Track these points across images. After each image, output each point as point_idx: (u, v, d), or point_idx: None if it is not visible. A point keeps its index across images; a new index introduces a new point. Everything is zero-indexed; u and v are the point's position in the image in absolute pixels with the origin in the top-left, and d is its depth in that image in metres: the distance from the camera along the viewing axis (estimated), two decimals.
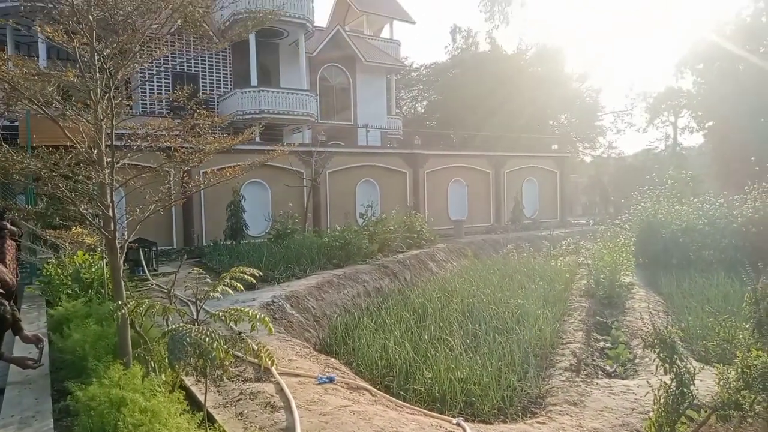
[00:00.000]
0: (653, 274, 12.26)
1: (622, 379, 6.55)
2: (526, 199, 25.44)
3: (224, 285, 3.82)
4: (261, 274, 4.91)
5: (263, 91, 24.11)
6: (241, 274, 3.89)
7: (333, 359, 6.51)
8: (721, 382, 4.22)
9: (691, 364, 4.75)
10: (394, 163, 22.16)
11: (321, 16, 46.91)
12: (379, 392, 5.36)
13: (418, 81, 47.00)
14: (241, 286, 4.01)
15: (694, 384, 4.56)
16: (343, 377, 5.63)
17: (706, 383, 5.14)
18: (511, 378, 6.02)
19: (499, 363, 6.35)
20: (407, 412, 4.76)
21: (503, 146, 27.67)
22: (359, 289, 10.67)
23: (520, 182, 25.71)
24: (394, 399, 5.25)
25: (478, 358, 6.49)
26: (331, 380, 5.24)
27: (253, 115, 23.47)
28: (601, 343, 8.23)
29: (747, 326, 5.17)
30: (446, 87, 42.40)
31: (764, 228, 12.33)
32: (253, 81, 24.05)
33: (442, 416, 4.74)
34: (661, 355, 4.64)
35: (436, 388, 5.68)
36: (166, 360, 3.68)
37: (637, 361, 7.10)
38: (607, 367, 7.25)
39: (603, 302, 10.55)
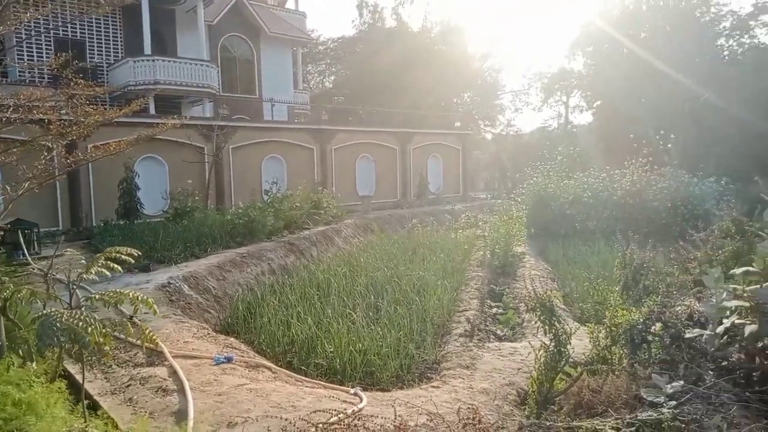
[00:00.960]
0: (543, 244, 13.17)
1: (511, 341, 7.04)
2: (430, 174, 26.18)
3: (99, 266, 3.60)
4: (139, 254, 4.67)
5: (158, 60, 22.58)
6: (118, 255, 3.68)
7: (233, 339, 6.41)
8: (592, 341, 4.67)
9: (568, 325, 5.21)
10: (300, 138, 21.82)
11: None
12: (279, 369, 5.37)
13: (325, 55, 46.25)
14: (120, 268, 3.80)
15: (570, 343, 5.00)
16: (243, 356, 5.56)
17: (583, 342, 5.62)
18: (410, 347, 6.26)
19: (400, 333, 6.57)
20: (306, 386, 4.82)
21: (410, 123, 28.15)
22: (264, 267, 10.51)
23: (425, 158, 26.36)
24: (295, 374, 5.29)
25: (379, 329, 6.67)
26: (229, 360, 5.17)
27: (147, 86, 21.98)
28: (494, 310, 8.77)
29: (617, 288, 5.73)
30: (354, 62, 42.16)
31: (639, 200, 13.63)
32: (147, 49, 22.44)
33: (341, 387, 4.85)
34: (542, 317, 5.04)
35: (337, 361, 5.79)
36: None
37: (524, 324, 7.64)
38: (498, 331, 7.76)
39: (497, 271, 11.21)
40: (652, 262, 6.51)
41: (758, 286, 3.88)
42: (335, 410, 3.39)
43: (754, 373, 3.57)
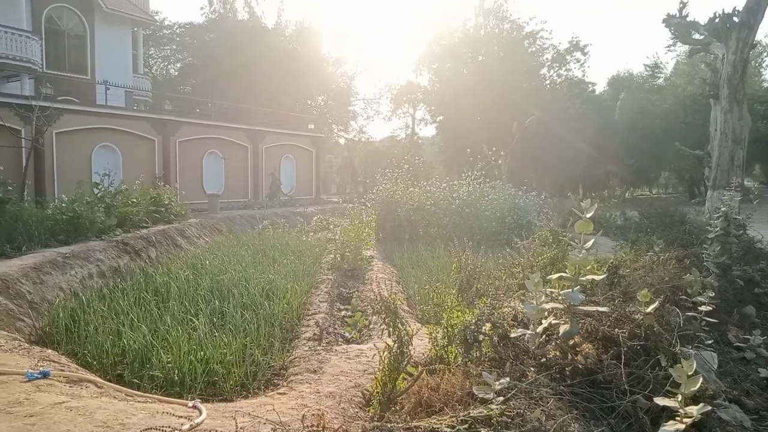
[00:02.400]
0: (390, 248, 13.74)
1: (358, 344, 7.22)
2: (283, 175, 25.85)
3: None
4: None
5: None
6: None
7: (51, 351, 5.66)
8: (431, 341, 4.99)
9: (410, 326, 5.51)
10: (140, 128, 20.07)
11: None
12: (106, 383, 4.86)
13: (171, 40, 43.16)
14: None
15: (412, 344, 5.29)
16: (63, 370, 4.95)
17: (424, 342, 5.95)
18: (256, 353, 6.10)
19: (246, 339, 6.37)
20: (138, 401, 4.44)
21: (263, 121, 27.46)
22: (91, 270, 9.44)
23: (278, 159, 25.95)
24: (125, 388, 4.84)
25: (223, 336, 6.39)
26: (45, 375, 4.55)
27: None
28: (343, 312, 8.92)
29: (453, 291, 6.20)
30: (203, 51, 39.95)
31: (474, 209, 14.91)
32: None
33: (178, 400, 4.54)
34: (386, 320, 5.26)
35: (176, 371, 5.42)
36: None
37: (371, 326, 7.89)
38: (347, 334, 7.91)
39: (347, 274, 11.42)
40: (483, 266, 7.17)
41: (570, 290, 4.48)
42: (170, 426, 3.17)
43: (567, 368, 4.10)
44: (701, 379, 3.05)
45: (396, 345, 5.17)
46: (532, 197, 15.24)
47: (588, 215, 4.66)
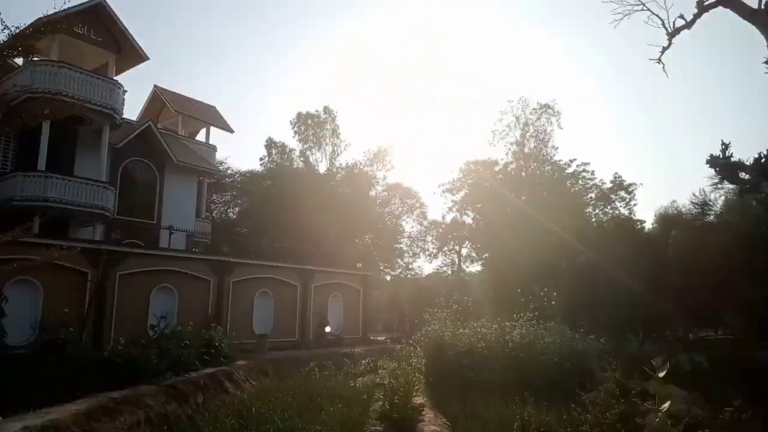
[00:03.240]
0: (441, 395, 13.07)
1: None
2: (331, 314, 25.86)
3: None
4: None
5: (52, 177, 21.57)
6: None
7: None
8: None
9: None
10: (197, 269, 20.96)
11: (132, 110, 44.94)
12: None
13: (232, 186, 46.70)
14: None
15: None
16: None
17: None
18: None
19: None
20: None
21: (312, 261, 28.26)
22: (140, 416, 9.34)
23: (326, 297, 26.18)
24: None
25: None
26: None
27: (35, 203, 20.70)
28: None
29: None
30: (260, 197, 42.84)
31: (530, 353, 14.22)
32: (41, 164, 21.44)
33: None
34: None
35: None
36: None
37: None
38: None
39: (397, 425, 10.82)
40: (546, 424, 6.68)
41: None
42: None
43: None
44: None
45: None
46: (591, 341, 14.49)
47: (661, 374, 4.41)
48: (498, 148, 45.80)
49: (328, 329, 24.47)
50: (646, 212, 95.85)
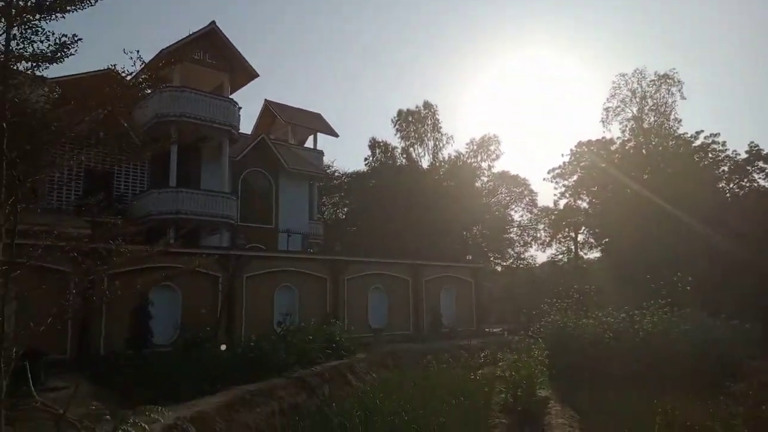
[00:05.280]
0: (566, 387, 12.51)
1: None
2: (443, 307, 25.81)
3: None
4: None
5: (182, 191, 23.67)
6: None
7: None
8: None
9: None
10: (314, 268, 21.93)
11: (247, 124, 48.21)
12: None
13: (339, 188, 48.32)
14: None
15: None
16: None
17: None
18: None
19: None
20: None
21: (419, 255, 28.39)
22: (274, 407, 9.96)
23: (437, 291, 26.17)
24: None
25: None
26: None
27: (169, 215, 22.80)
28: None
29: None
30: (366, 196, 43.86)
31: (663, 342, 13.14)
32: (172, 181, 23.62)
33: None
34: None
35: None
36: None
37: None
38: None
39: (522, 419, 10.52)
40: (693, 416, 6.09)
41: None
42: None
43: None
44: None
45: None
46: (733, 326, 13.04)
47: None
48: (613, 126, 42.86)
49: (443, 320, 24.44)
50: None
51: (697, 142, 35.78)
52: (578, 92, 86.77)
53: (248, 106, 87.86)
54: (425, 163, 46.22)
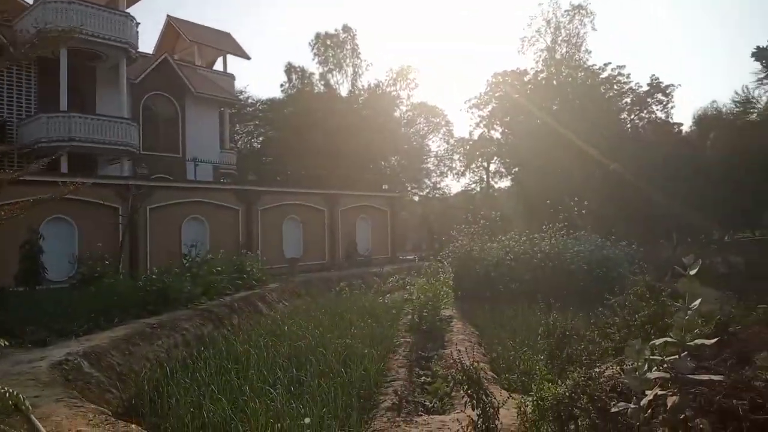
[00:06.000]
0: (469, 307, 13.20)
1: (440, 414, 6.77)
2: (359, 236, 26.14)
3: None
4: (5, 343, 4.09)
5: (75, 116, 21.64)
6: None
7: (134, 426, 5.72)
8: (520, 415, 4.52)
9: (495, 397, 5.06)
10: (225, 199, 21.20)
11: (148, 43, 44.13)
12: None
13: (254, 116, 46.29)
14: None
15: (498, 418, 4.84)
16: None
17: (512, 412, 5.44)
18: (333, 425, 5.85)
19: (323, 410, 6.15)
20: None
21: (337, 185, 28.24)
22: (177, 339, 9.73)
23: (353, 220, 26.37)
24: None
25: (301, 406, 6.21)
26: None
27: (61, 143, 20.87)
28: (423, 378, 8.49)
29: (541, 358, 5.69)
30: (283, 124, 42.43)
31: (558, 262, 14.11)
32: (63, 105, 21.46)
33: None
34: (468, 391, 4.86)
35: None
36: None
37: (453, 394, 7.41)
38: (427, 402, 7.46)
39: (426, 336, 11.01)
40: (573, 327, 6.60)
41: (677, 356, 3.92)
42: None
43: None
44: None
45: (481, 420, 4.75)
46: (622, 247, 14.23)
47: (692, 272, 4.13)
48: (527, 56, 43.64)
49: (358, 248, 24.82)
50: (684, 115, 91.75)
51: (605, 74, 37.34)
52: (502, 22, 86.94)
53: (148, 23, 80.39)
54: (344, 91, 45.12)
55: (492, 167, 44.64)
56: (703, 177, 24.35)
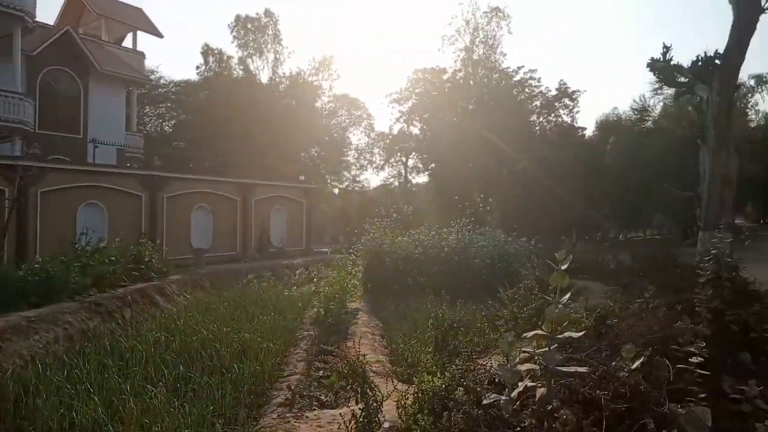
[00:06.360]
0: (377, 299, 13.28)
1: (333, 408, 6.71)
2: (273, 228, 25.58)
3: None
4: None
5: None
6: None
7: None
8: (398, 408, 4.53)
9: (379, 392, 5.06)
10: (127, 185, 19.93)
11: (49, 13, 40.64)
12: None
13: (166, 98, 43.91)
14: None
15: (381, 411, 4.83)
16: None
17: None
18: (218, 424, 5.61)
19: (208, 408, 5.88)
20: None
21: (253, 174, 27.43)
22: (58, 334, 8.97)
23: (268, 211, 25.75)
24: None
25: (184, 405, 5.91)
26: None
27: None
28: (321, 372, 8.41)
29: (429, 350, 5.77)
30: (197, 108, 40.61)
31: (464, 257, 14.52)
32: None
33: None
34: (353, 385, 4.83)
35: None
36: None
37: (349, 387, 7.38)
38: (323, 396, 7.38)
39: (331, 329, 10.93)
40: (466, 320, 6.77)
41: (547, 348, 4.07)
42: None
43: None
44: None
45: (363, 414, 4.72)
46: (522, 243, 14.89)
47: (563, 267, 4.31)
48: (447, 54, 44.60)
49: (272, 240, 24.28)
50: (587, 121, 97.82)
51: (517, 77, 38.94)
52: (426, 18, 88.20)
53: None
54: (264, 78, 43.88)
55: (410, 162, 45.36)
56: (602, 179, 26.07)
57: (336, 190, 48.26)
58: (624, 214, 26.74)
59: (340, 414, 6.06)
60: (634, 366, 4.25)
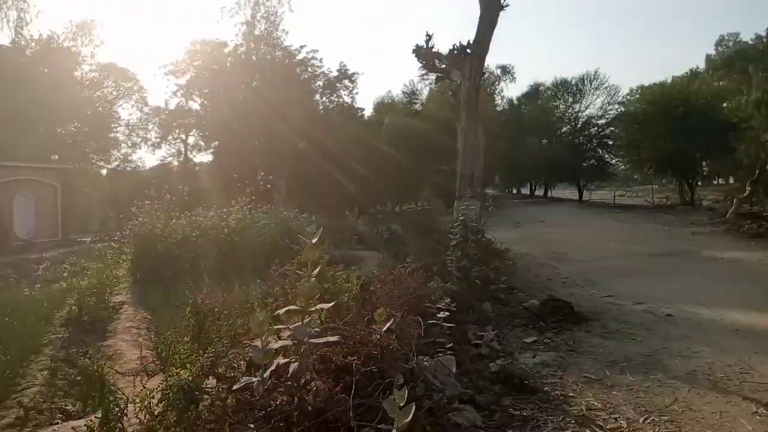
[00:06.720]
0: (147, 289, 12.11)
1: (80, 417, 5.83)
2: (18, 217, 21.53)
3: None
4: None
5: None
6: None
7: None
8: (143, 409, 4.03)
9: (123, 394, 4.46)
10: None
11: None
12: None
13: None
14: None
15: (126, 415, 4.26)
16: None
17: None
18: None
19: None
20: None
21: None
22: None
23: (10, 197, 21.53)
24: None
25: None
26: None
27: None
28: (72, 378, 7.28)
29: (187, 339, 5.32)
30: None
31: (246, 236, 14.06)
32: None
33: None
34: (89, 392, 4.18)
35: None
36: None
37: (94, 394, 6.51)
38: (69, 407, 6.39)
39: (88, 329, 9.60)
40: (227, 303, 6.45)
41: (300, 323, 3.99)
42: None
43: (294, 414, 3.59)
44: (413, 410, 2.78)
45: (101, 422, 4.11)
46: (303, 218, 15.02)
47: (314, 240, 4.27)
48: (226, 27, 42.51)
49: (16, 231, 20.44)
50: (367, 103, 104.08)
51: (300, 56, 39.01)
52: None
53: None
54: (5, 39, 36.22)
55: (191, 140, 42.49)
56: (379, 156, 27.82)
57: (104, 171, 42.75)
58: (399, 187, 29.01)
59: (72, 428, 5.27)
60: (385, 327, 4.44)
